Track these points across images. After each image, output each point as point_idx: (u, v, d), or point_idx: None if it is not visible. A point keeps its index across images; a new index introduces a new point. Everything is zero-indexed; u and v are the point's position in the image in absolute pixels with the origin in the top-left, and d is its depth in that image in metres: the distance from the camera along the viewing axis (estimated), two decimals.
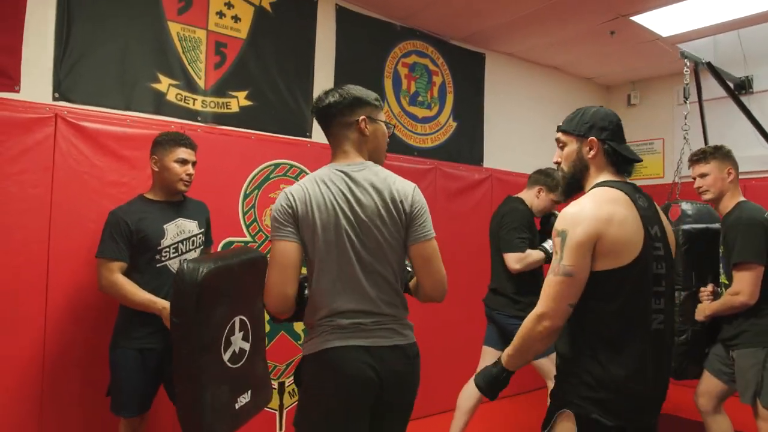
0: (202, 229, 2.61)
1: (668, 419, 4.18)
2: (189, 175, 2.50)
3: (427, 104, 4.30)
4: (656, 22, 4.27)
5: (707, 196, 2.82)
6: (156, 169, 2.49)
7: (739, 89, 4.91)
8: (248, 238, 3.29)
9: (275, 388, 3.36)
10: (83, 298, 2.70)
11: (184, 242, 2.51)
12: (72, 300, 2.68)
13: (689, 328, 2.81)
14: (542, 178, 3.24)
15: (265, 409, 2.91)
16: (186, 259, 2.42)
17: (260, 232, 3.33)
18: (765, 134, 4.64)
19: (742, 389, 2.57)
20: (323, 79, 3.74)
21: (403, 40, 4.19)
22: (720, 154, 2.81)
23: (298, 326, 3.48)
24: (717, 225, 2.92)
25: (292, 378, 3.42)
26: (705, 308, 2.75)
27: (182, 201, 2.58)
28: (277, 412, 3.37)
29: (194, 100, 3.17)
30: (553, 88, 5.43)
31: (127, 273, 2.38)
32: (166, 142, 2.48)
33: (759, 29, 4.61)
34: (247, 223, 3.29)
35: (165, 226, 2.45)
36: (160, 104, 3.05)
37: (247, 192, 3.30)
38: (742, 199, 2.74)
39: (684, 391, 4.46)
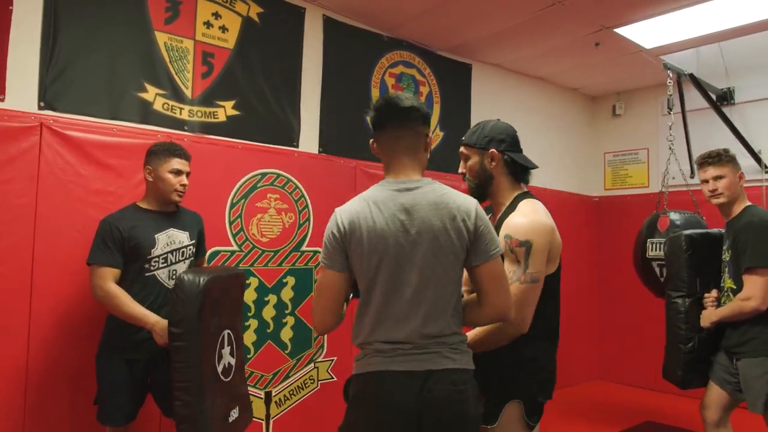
0: (193, 241, 2.60)
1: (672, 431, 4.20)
2: (183, 185, 2.49)
3: None
4: (640, 34, 4.34)
5: (721, 200, 2.72)
6: (150, 179, 2.47)
7: (720, 100, 4.99)
8: (235, 248, 3.29)
9: (261, 398, 3.35)
10: (68, 307, 2.68)
11: (174, 253, 2.49)
12: (57, 309, 2.66)
13: (695, 335, 2.77)
14: None
15: (253, 418, 2.90)
16: (180, 270, 2.47)
17: (247, 242, 3.33)
18: (746, 145, 4.71)
19: (752, 399, 2.51)
20: (310, 89, 3.76)
21: (390, 51, 4.22)
22: (731, 157, 2.75)
23: (285, 335, 3.47)
24: (717, 230, 2.93)
25: (278, 387, 3.42)
26: (711, 314, 2.69)
27: (175, 212, 2.57)
28: (263, 422, 3.36)
29: (181, 109, 3.17)
30: (539, 98, 5.48)
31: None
32: (160, 152, 2.46)
33: (740, 42, 4.68)
34: (234, 232, 3.29)
35: (156, 236, 2.44)
36: (146, 113, 3.05)
37: (234, 201, 3.30)
38: (749, 203, 2.70)
39: (688, 402, 4.51)
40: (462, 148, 1.98)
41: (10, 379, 2.54)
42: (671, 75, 4.38)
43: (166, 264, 2.46)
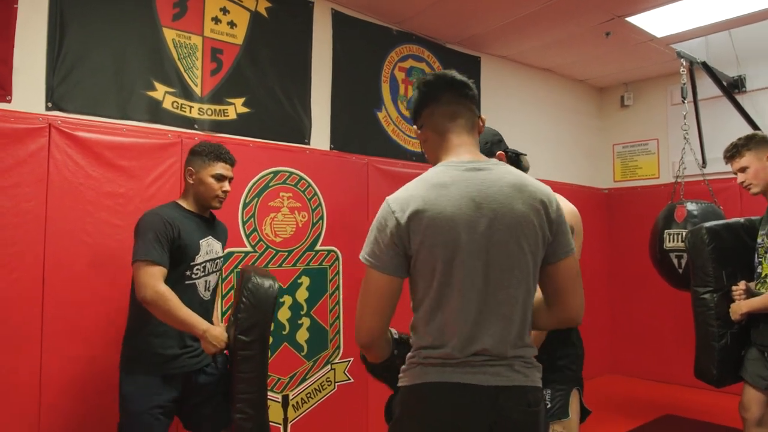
0: (224, 253, 2.48)
1: (709, 427, 4.14)
2: (225, 192, 2.33)
3: None
4: (651, 22, 4.27)
5: (754, 190, 2.65)
6: (190, 181, 2.31)
7: (732, 88, 4.92)
8: (249, 248, 3.21)
9: (279, 402, 3.27)
10: (80, 312, 2.60)
11: (211, 263, 2.33)
12: (69, 314, 2.58)
13: (727, 331, 2.67)
14: None
15: (270, 422, 2.82)
16: (213, 282, 2.35)
17: (261, 242, 3.25)
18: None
19: None
20: (320, 84, 3.68)
21: (399, 45, 4.14)
22: (754, 142, 2.64)
23: (301, 337, 3.40)
24: (736, 219, 2.85)
25: (295, 391, 3.35)
26: (741, 305, 2.58)
27: (211, 219, 2.42)
28: (281, 426, 3.29)
29: (191, 107, 3.09)
30: (548, 90, 5.41)
31: None
32: (205, 154, 2.31)
33: (751, 29, 4.62)
34: (248, 232, 3.21)
35: (200, 241, 2.28)
36: (156, 112, 2.97)
37: (247, 201, 3.22)
38: None
39: (704, 394, 4.44)
40: None
41: (24, 391, 2.46)
42: (684, 63, 4.32)
43: (203, 273, 2.29)
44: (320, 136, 3.66)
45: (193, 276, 2.25)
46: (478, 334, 1.32)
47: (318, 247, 3.51)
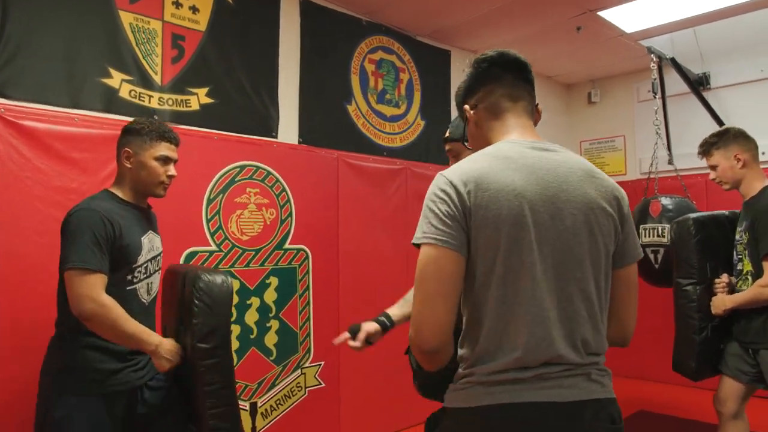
0: (161, 249, 2.17)
1: (683, 423, 4.13)
2: (171, 176, 2.04)
3: (395, 102, 4.13)
4: (621, 17, 4.25)
5: (725, 187, 2.67)
6: (128, 165, 1.99)
7: (697, 85, 4.97)
8: (213, 247, 3.02)
9: (247, 410, 3.09)
10: (31, 320, 2.36)
11: (153, 262, 2.05)
12: (17, 323, 2.34)
13: (708, 324, 2.63)
14: None
15: None
16: (155, 284, 2.07)
17: (226, 240, 3.06)
18: None
19: None
20: (288, 75, 3.51)
21: (369, 36, 4.00)
22: (723, 140, 2.64)
23: (270, 340, 3.22)
24: (722, 212, 2.82)
25: (264, 398, 3.17)
26: (725, 300, 2.56)
27: (147, 209, 2.13)
28: None
29: (150, 96, 2.88)
30: None
31: None
32: (145, 132, 1.99)
33: (715, 27, 4.65)
34: (212, 230, 3.02)
35: (142, 238, 1.99)
36: (111, 101, 2.75)
37: (211, 197, 3.03)
38: None
39: (678, 390, 4.45)
40: (448, 146, 1.83)
41: None
42: (654, 59, 4.32)
43: (146, 275, 2.00)
44: (288, 130, 3.49)
45: (135, 280, 1.95)
46: (552, 337, 1.12)
47: (287, 246, 3.34)
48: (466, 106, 1.35)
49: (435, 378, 1.26)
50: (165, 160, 2.02)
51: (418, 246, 1.15)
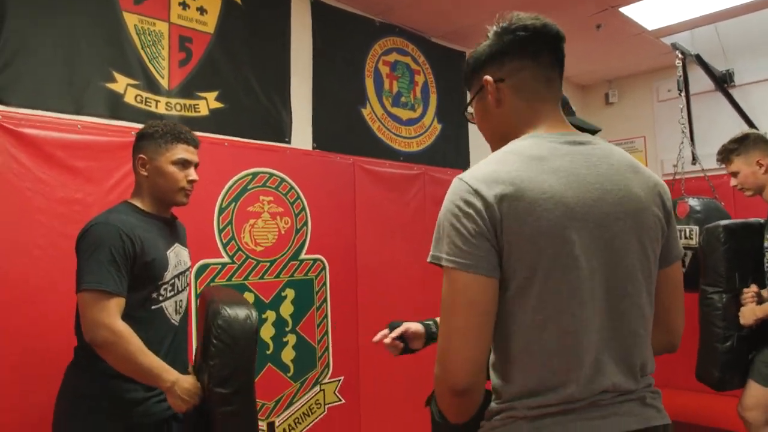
0: (190, 263, 2.01)
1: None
2: (192, 182, 1.87)
3: (410, 105, 3.98)
4: (643, 14, 4.09)
5: (747, 193, 2.62)
6: (144, 174, 1.84)
7: (721, 83, 4.79)
8: (226, 259, 2.85)
9: (264, 430, 2.91)
10: (29, 344, 2.20)
11: (180, 278, 1.87)
12: (15, 348, 2.18)
13: (734, 333, 2.53)
14: None
15: None
16: (184, 301, 1.89)
17: (239, 252, 2.90)
18: (753, 127, 4.52)
19: None
20: (300, 78, 3.36)
21: (383, 37, 3.86)
22: (743, 146, 2.58)
23: (287, 356, 3.05)
24: (755, 219, 2.70)
25: (282, 416, 2.99)
26: (755, 310, 2.45)
27: (172, 219, 1.96)
28: None
29: (157, 102, 2.74)
30: None
31: None
32: (160, 136, 1.83)
33: (736, 23, 4.50)
34: (224, 241, 2.86)
35: (168, 253, 1.82)
36: (116, 107, 2.60)
37: (223, 206, 2.87)
38: None
39: (727, 401, 4.24)
40: None
41: None
42: (679, 56, 4.16)
43: (173, 293, 1.83)
44: (301, 135, 3.34)
45: (161, 298, 1.79)
46: (604, 366, 0.98)
47: (303, 256, 3.17)
48: (488, 77, 1.11)
49: (462, 428, 1.07)
50: (184, 164, 1.85)
51: (438, 264, 1.00)
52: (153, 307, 1.76)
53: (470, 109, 1.20)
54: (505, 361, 1.01)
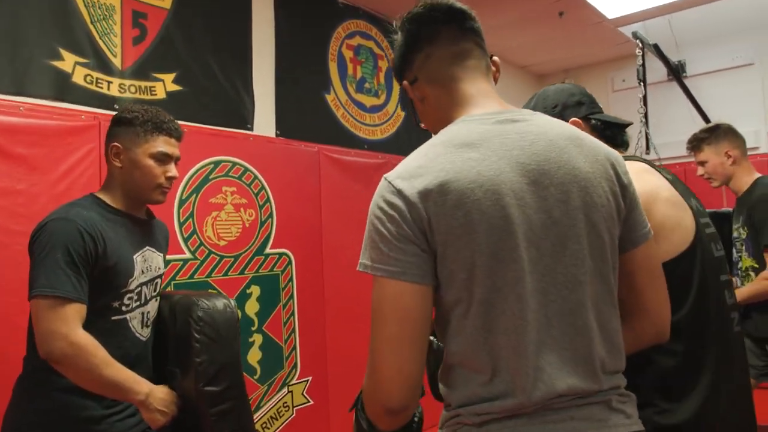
0: (164, 269, 1.79)
1: None
2: (171, 179, 1.64)
3: (374, 92, 3.84)
4: (603, 2, 4.10)
5: (714, 184, 2.63)
6: (118, 165, 1.60)
7: (674, 73, 4.90)
8: (188, 255, 2.64)
9: None
10: None
11: (149, 286, 1.65)
12: None
13: None
14: None
15: None
16: (152, 313, 1.66)
17: (202, 247, 2.70)
18: (705, 117, 4.63)
19: None
20: (262, 61, 3.16)
21: (347, 19, 3.69)
22: (714, 136, 2.59)
23: (253, 357, 2.87)
24: (726, 209, 2.74)
25: None
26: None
27: (148, 219, 1.74)
28: None
29: (109, 83, 2.49)
30: None
31: None
32: (139, 123, 1.60)
33: (689, 14, 4.59)
34: (185, 236, 2.65)
35: (134, 257, 1.59)
36: (64, 88, 2.34)
37: (183, 197, 2.66)
38: (759, 175, 2.52)
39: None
40: None
41: None
42: (639, 45, 4.19)
43: (139, 303, 1.60)
44: (264, 121, 3.14)
45: (124, 308, 1.56)
46: (553, 368, 0.87)
47: (268, 251, 2.99)
48: (405, 82, 1.09)
49: None
50: (163, 158, 1.62)
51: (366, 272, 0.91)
52: (114, 318, 1.54)
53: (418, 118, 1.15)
54: (448, 369, 0.94)
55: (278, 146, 3.14)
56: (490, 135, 0.92)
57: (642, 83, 4.24)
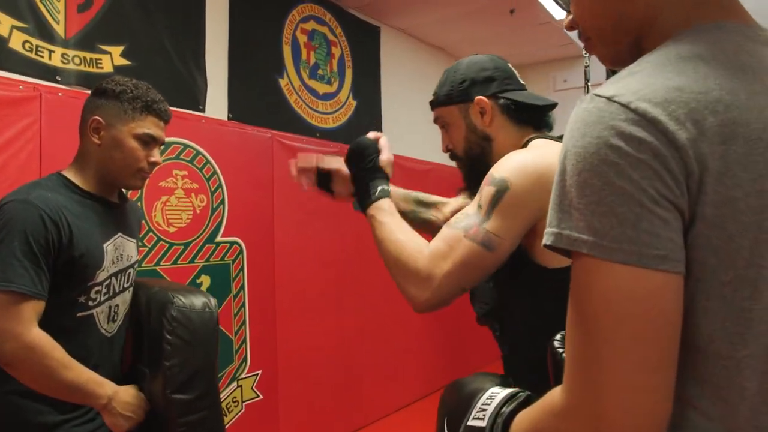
0: (137, 257, 1.60)
1: None
2: (153, 165, 1.47)
3: (327, 79, 3.74)
4: (551, 3, 4.19)
5: None
6: (96, 141, 1.41)
7: (611, 75, 5.08)
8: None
9: None
10: None
11: (119, 277, 1.48)
12: None
13: None
14: None
15: None
16: (122, 307, 1.50)
17: (150, 233, 2.52)
18: None
19: None
20: (215, 40, 3.00)
21: (301, 3, 3.57)
22: None
23: None
24: None
25: None
26: None
27: (120, 202, 1.55)
28: None
29: (51, 52, 2.27)
30: (438, 70, 5.15)
31: None
32: (128, 99, 1.42)
33: None
34: None
35: (105, 245, 1.42)
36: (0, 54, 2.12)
37: None
38: None
39: None
40: (435, 112, 1.30)
41: None
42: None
43: (108, 296, 1.44)
44: (216, 104, 2.99)
45: (91, 303, 1.40)
46: None
47: (219, 239, 2.85)
48: None
49: None
50: (149, 141, 1.45)
51: (569, 251, 0.58)
52: (79, 315, 1.38)
53: None
54: (706, 393, 0.58)
55: (231, 130, 2.99)
56: (764, 58, 0.61)
57: (588, 83, 4.36)
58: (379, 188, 1.22)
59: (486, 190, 1.04)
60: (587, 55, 4.31)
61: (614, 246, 0.54)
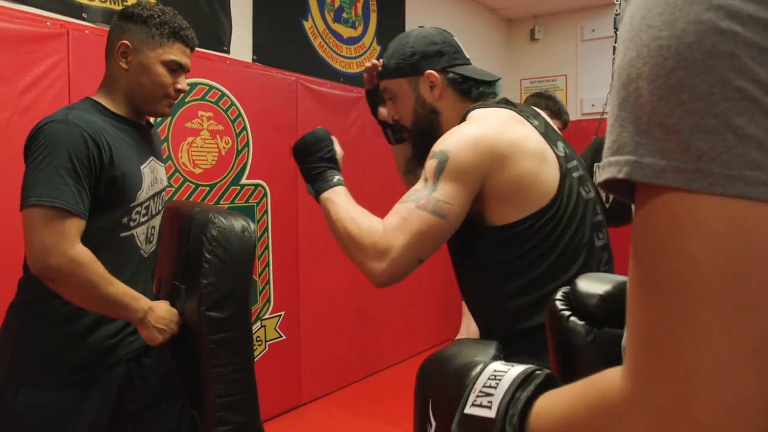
0: (167, 182, 1.63)
1: None
2: (180, 91, 1.47)
3: (351, 22, 3.68)
4: None
5: None
6: (123, 66, 1.40)
7: None
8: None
9: None
10: None
11: (155, 199, 1.50)
12: None
13: None
14: (543, 101, 2.81)
15: None
16: (157, 228, 1.53)
17: (177, 173, 2.55)
18: None
19: None
20: None
21: None
22: None
23: None
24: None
25: None
26: None
27: (148, 127, 1.56)
28: None
29: None
30: (459, 18, 5.04)
31: None
32: (155, 25, 1.40)
33: None
34: None
35: (142, 168, 1.43)
36: None
37: (158, 120, 2.49)
38: None
39: None
40: (382, 83, 1.33)
41: None
42: None
43: (147, 217, 1.47)
44: (241, 45, 2.96)
45: (132, 224, 1.42)
46: None
47: (243, 181, 2.87)
48: None
49: None
50: (176, 68, 1.44)
51: (619, 187, 0.40)
52: (122, 235, 1.40)
53: None
54: None
55: (255, 72, 2.97)
56: None
57: (617, 31, 4.24)
58: (336, 178, 1.26)
59: (429, 164, 1.10)
60: (619, 2, 4.18)
61: (731, 173, 0.33)
